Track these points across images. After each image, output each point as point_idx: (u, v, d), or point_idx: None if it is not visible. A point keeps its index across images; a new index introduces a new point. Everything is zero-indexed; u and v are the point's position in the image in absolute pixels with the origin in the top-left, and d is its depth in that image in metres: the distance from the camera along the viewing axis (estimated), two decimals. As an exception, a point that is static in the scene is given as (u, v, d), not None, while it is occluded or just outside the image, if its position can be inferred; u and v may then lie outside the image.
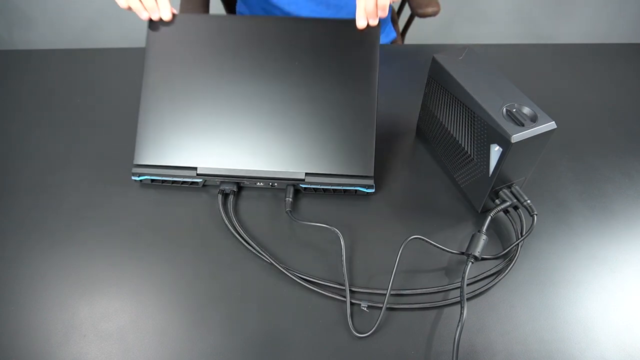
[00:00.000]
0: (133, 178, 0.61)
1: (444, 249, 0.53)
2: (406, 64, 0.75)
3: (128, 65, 0.84)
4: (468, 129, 0.55)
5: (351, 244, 0.57)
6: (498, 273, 0.53)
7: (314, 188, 0.61)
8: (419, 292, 0.52)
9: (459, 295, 0.51)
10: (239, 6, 1.07)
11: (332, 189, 0.60)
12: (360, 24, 0.63)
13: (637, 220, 0.59)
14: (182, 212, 0.60)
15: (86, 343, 0.49)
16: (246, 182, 0.61)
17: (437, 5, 1.09)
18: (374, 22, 0.63)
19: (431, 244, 0.52)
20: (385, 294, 0.50)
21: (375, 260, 0.55)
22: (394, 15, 1.24)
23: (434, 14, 1.09)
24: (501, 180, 0.54)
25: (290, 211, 0.58)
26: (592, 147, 0.68)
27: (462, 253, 0.53)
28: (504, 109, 0.51)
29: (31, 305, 0.52)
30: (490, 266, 0.54)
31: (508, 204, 0.55)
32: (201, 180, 0.61)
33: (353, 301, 0.51)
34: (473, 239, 0.53)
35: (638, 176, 0.64)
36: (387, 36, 1.09)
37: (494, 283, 0.52)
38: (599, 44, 0.88)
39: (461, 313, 0.46)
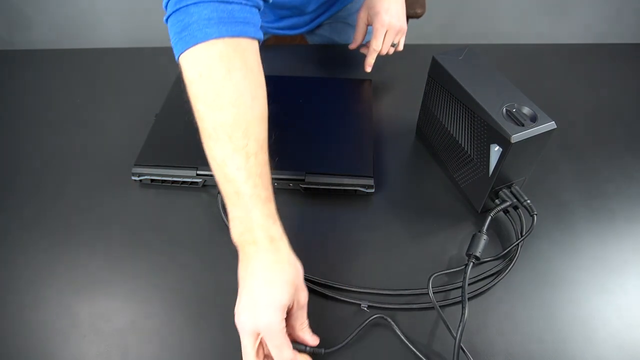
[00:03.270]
0: (133, 178, 0.61)
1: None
2: (406, 64, 0.75)
3: (128, 65, 0.84)
4: (468, 129, 0.55)
5: (351, 244, 0.57)
6: (498, 273, 0.53)
7: (314, 188, 0.60)
8: (418, 292, 0.52)
9: (459, 295, 0.51)
10: None
11: (332, 189, 0.60)
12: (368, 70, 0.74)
13: (637, 220, 0.59)
14: (182, 212, 0.60)
15: (86, 343, 0.49)
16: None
17: (423, 7, 1.06)
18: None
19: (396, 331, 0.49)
20: (384, 294, 0.50)
21: (375, 260, 0.55)
22: None
23: (417, 16, 1.06)
24: (501, 180, 0.54)
25: None
26: (592, 147, 0.68)
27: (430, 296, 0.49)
28: (504, 109, 0.51)
29: (31, 305, 0.52)
30: (491, 266, 0.54)
31: (508, 204, 0.55)
32: (201, 180, 0.61)
33: (353, 301, 0.51)
34: (474, 239, 0.53)
35: (638, 176, 0.64)
36: None
37: (494, 283, 0.52)
38: (599, 44, 0.88)
39: (462, 313, 0.46)
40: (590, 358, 0.47)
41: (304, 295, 0.45)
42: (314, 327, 0.50)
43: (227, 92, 0.43)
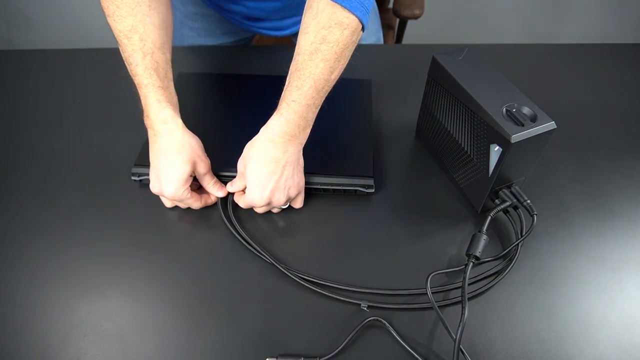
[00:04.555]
0: (133, 178, 0.61)
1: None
2: (406, 64, 0.75)
3: (128, 65, 0.84)
4: (468, 129, 0.55)
5: (351, 244, 0.57)
6: (498, 273, 0.53)
7: (313, 188, 0.60)
8: (417, 292, 0.52)
9: (459, 295, 0.51)
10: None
11: (332, 189, 0.60)
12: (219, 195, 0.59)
13: (637, 220, 0.59)
14: (182, 212, 0.60)
15: (86, 343, 0.49)
16: (246, 182, 0.61)
17: (422, 8, 1.06)
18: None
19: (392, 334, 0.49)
20: (385, 294, 0.50)
21: (375, 260, 0.55)
22: (391, 21, 1.22)
23: (416, 17, 1.06)
24: (501, 180, 0.54)
25: None
26: (592, 147, 0.68)
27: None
28: (504, 109, 0.51)
29: (31, 305, 0.52)
30: (491, 266, 0.54)
31: (508, 204, 0.55)
32: (201, 180, 0.61)
33: (353, 301, 0.51)
34: (474, 239, 0.53)
35: (638, 176, 0.64)
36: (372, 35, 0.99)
37: (494, 283, 0.52)
38: (599, 44, 0.88)
39: (462, 313, 0.46)
40: (590, 358, 0.47)
41: (202, 166, 0.56)
42: (314, 325, 0.50)
43: (125, 4, 0.53)
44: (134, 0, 0.53)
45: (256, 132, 0.55)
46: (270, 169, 0.52)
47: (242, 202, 0.58)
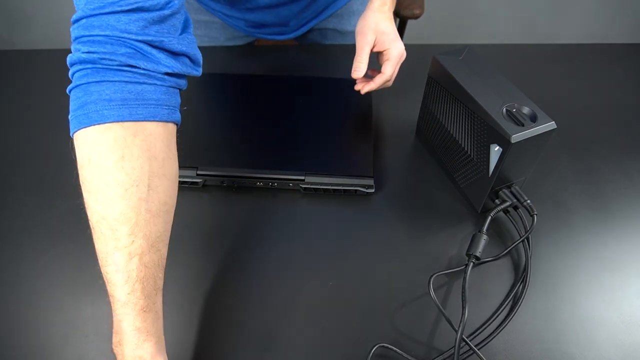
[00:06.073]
0: (133, 178, 0.61)
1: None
2: (406, 64, 0.75)
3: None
4: (468, 129, 0.55)
5: (351, 244, 0.57)
6: (515, 299, 0.53)
7: (314, 188, 0.60)
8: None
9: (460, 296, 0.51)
10: None
11: (332, 189, 0.60)
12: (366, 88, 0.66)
13: (637, 220, 0.59)
14: (182, 212, 0.60)
15: (87, 343, 0.49)
16: (246, 182, 0.61)
17: (422, 8, 1.06)
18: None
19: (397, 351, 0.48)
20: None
21: (374, 261, 0.55)
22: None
23: (416, 17, 1.06)
24: (501, 180, 0.54)
25: None
26: (592, 147, 0.68)
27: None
28: (504, 109, 0.51)
29: (31, 305, 0.52)
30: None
31: (508, 204, 0.55)
32: (201, 180, 0.61)
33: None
34: (474, 239, 0.53)
35: (638, 176, 0.64)
36: None
37: (514, 306, 0.52)
38: (599, 44, 0.88)
39: (462, 313, 0.46)
40: (590, 358, 0.47)
41: None
42: (315, 326, 0.50)
43: (117, 182, 0.39)
44: (132, 178, 0.39)
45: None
46: (394, 26, 0.65)
47: (390, 65, 0.63)
